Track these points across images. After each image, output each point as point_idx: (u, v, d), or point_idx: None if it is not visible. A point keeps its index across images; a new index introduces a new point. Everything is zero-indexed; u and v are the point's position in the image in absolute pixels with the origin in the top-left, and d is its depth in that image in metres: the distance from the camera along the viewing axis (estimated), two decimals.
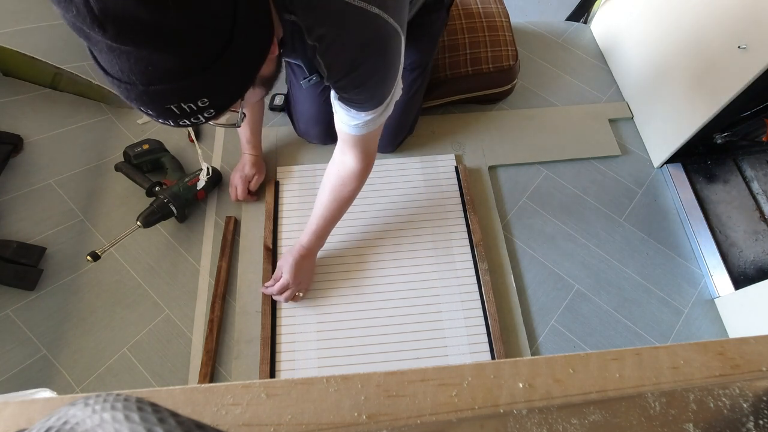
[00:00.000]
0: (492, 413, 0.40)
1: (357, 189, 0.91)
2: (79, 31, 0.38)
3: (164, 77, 0.41)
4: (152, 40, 0.38)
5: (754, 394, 0.41)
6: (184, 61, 0.41)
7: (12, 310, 0.96)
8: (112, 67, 0.41)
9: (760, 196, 1.17)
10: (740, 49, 0.95)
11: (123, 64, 0.40)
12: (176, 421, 0.23)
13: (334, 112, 0.77)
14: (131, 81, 0.41)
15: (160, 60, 0.40)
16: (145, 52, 0.39)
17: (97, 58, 0.41)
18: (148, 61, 0.40)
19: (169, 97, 0.43)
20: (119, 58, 0.39)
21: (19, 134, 1.13)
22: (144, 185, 1.07)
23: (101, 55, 0.40)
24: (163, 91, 0.42)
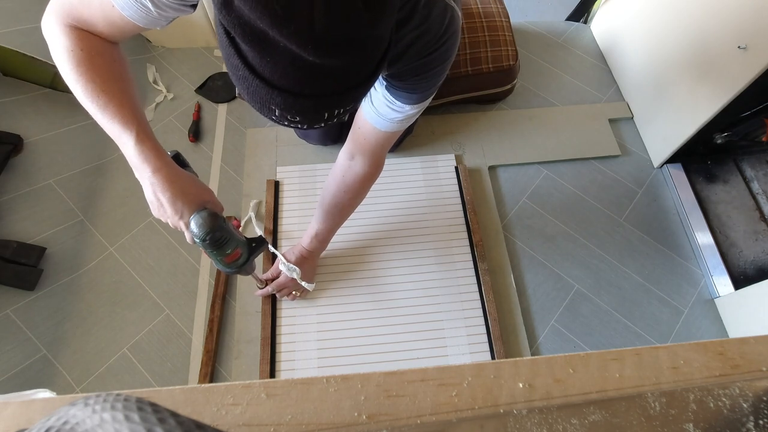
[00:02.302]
0: (492, 413, 0.40)
1: (362, 195, 0.88)
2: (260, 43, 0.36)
3: (341, 87, 0.41)
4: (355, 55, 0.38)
5: (754, 394, 0.41)
6: (364, 71, 0.41)
7: (12, 310, 0.96)
8: (285, 78, 0.38)
9: (760, 196, 1.17)
10: (740, 49, 0.95)
11: (307, 77, 0.38)
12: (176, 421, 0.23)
13: (366, 106, 0.72)
14: (303, 92, 0.40)
15: (349, 71, 0.40)
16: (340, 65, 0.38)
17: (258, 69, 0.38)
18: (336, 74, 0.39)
19: (332, 104, 0.42)
20: (305, 71, 0.38)
21: (19, 134, 1.13)
22: None
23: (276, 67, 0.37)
24: (332, 99, 0.41)
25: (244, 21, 0.34)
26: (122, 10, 0.54)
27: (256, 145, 1.22)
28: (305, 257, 0.97)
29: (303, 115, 0.42)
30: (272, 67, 0.38)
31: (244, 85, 0.40)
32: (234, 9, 0.34)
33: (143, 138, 0.60)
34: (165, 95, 1.30)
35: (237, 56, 0.38)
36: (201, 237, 0.65)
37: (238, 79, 0.40)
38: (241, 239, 0.73)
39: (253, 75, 0.38)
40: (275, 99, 0.40)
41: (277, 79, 0.38)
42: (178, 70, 1.36)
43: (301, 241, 0.97)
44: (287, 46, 0.35)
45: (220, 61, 1.38)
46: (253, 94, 0.41)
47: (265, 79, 0.38)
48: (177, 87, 1.33)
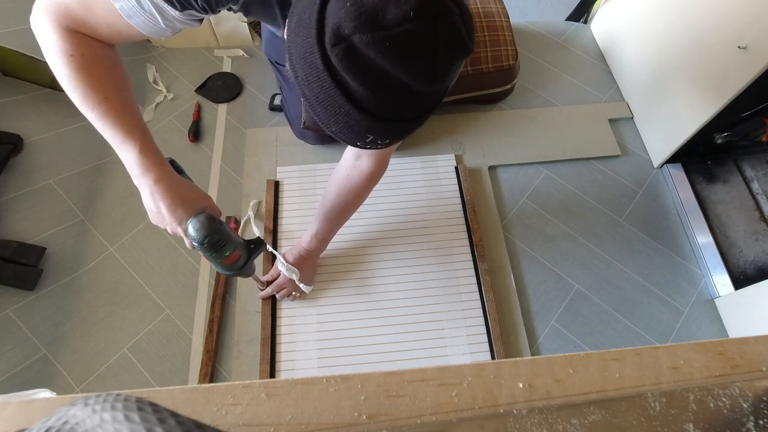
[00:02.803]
0: (492, 413, 0.40)
1: (366, 195, 0.89)
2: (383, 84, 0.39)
3: (429, 108, 0.45)
4: (450, 80, 0.43)
5: (754, 394, 0.41)
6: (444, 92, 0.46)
7: (12, 310, 0.96)
8: (392, 109, 0.42)
9: (760, 196, 1.17)
10: (740, 49, 0.95)
11: (410, 104, 0.43)
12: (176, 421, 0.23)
13: None
14: (404, 117, 0.43)
15: (443, 91, 0.44)
16: (439, 91, 0.43)
17: (363, 102, 0.40)
18: (432, 98, 0.43)
19: (423, 122, 0.47)
20: (410, 100, 0.42)
21: (19, 134, 1.13)
22: None
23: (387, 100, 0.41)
24: (420, 119, 0.46)
25: (372, 68, 0.38)
26: (129, 18, 0.54)
27: (256, 145, 1.22)
28: (305, 257, 0.97)
29: (395, 136, 0.46)
30: (386, 102, 0.41)
31: (342, 120, 0.42)
32: (359, 57, 0.37)
33: (146, 149, 0.60)
34: (165, 95, 1.30)
35: (342, 96, 0.40)
36: (199, 240, 0.65)
37: (336, 116, 0.42)
38: (239, 241, 0.73)
39: (358, 110, 0.41)
40: (376, 128, 0.43)
41: (385, 111, 0.41)
42: (178, 70, 1.36)
43: (301, 241, 0.97)
44: (412, 85, 0.39)
45: (220, 61, 1.38)
46: (350, 127, 0.43)
47: (371, 113, 0.41)
48: (177, 87, 1.33)
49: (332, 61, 0.38)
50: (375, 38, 0.36)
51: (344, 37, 0.37)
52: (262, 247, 0.77)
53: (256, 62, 1.39)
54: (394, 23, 0.36)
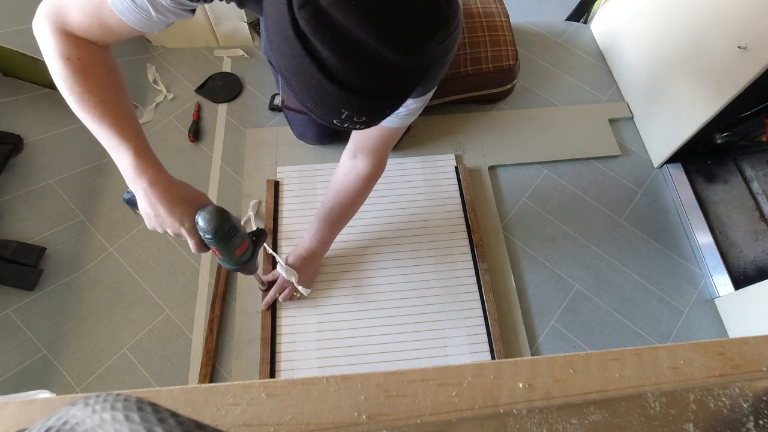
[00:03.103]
0: (492, 413, 0.40)
1: (365, 195, 0.88)
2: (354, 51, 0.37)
3: (412, 84, 0.43)
4: (431, 51, 0.41)
5: (754, 394, 0.41)
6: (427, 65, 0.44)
7: (12, 310, 0.96)
8: (367, 81, 0.40)
9: (760, 196, 1.17)
10: (740, 49, 0.95)
11: (385, 78, 0.40)
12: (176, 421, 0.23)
13: None
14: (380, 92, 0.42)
15: (420, 68, 0.42)
16: (417, 63, 0.41)
17: (336, 73, 0.39)
18: (410, 71, 0.41)
19: (399, 103, 0.45)
20: (385, 73, 0.40)
21: (19, 134, 1.13)
22: None
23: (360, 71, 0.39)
24: (402, 98, 0.44)
25: (339, 31, 0.36)
26: (121, 14, 0.54)
27: (256, 145, 1.22)
28: (306, 258, 0.96)
29: (370, 115, 0.44)
30: (357, 72, 0.39)
31: (315, 93, 0.41)
32: (327, 20, 0.35)
33: (140, 151, 0.59)
34: (165, 95, 1.30)
35: (313, 65, 0.38)
36: (212, 232, 0.65)
37: (309, 87, 0.40)
38: (246, 231, 0.73)
39: (330, 81, 0.39)
40: (351, 103, 0.41)
41: (359, 83, 0.40)
42: (178, 70, 1.36)
43: (302, 242, 0.96)
44: (380, 50, 0.37)
45: (220, 61, 1.38)
46: (323, 99, 0.41)
47: (344, 84, 0.39)
48: (177, 87, 1.33)
49: (301, 25, 0.37)
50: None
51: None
52: (264, 236, 0.78)
53: (256, 62, 1.39)
54: None
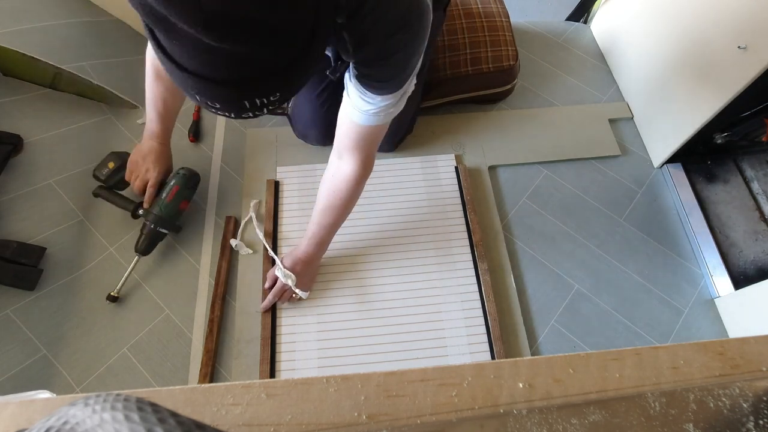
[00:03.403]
0: (492, 413, 0.40)
1: (354, 196, 0.87)
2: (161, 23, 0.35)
3: (253, 74, 0.40)
4: (256, 39, 0.37)
5: (754, 394, 0.41)
6: (278, 58, 0.40)
7: (12, 310, 0.96)
8: (192, 61, 0.38)
9: (760, 196, 1.17)
10: (740, 49, 0.95)
11: (212, 61, 0.38)
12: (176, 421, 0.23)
13: (345, 99, 0.71)
14: (213, 77, 0.39)
15: (255, 57, 0.39)
16: (243, 50, 0.37)
17: (169, 51, 0.38)
18: (242, 59, 0.38)
19: (250, 93, 0.42)
20: (209, 54, 0.37)
21: (19, 134, 1.13)
22: (128, 208, 1.02)
23: (182, 49, 0.37)
24: (246, 87, 0.41)
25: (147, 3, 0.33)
26: None
27: (256, 145, 1.22)
28: (304, 261, 0.96)
29: (223, 103, 0.42)
30: (180, 51, 0.38)
31: (166, 69, 0.40)
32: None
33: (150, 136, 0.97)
34: None
35: (151, 39, 0.38)
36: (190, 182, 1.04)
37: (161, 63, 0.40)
38: None
39: (167, 58, 0.38)
40: (191, 83, 0.40)
41: (186, 62, 0.38)
42: None
43: (299, 245, 0.96)
44: (183, 28, 0.34)
45: None
46: (173, 78, 0.41)
47: (177, 63, 0.38)
48: None
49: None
50: None
51: None
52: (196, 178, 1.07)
53: None
54: None
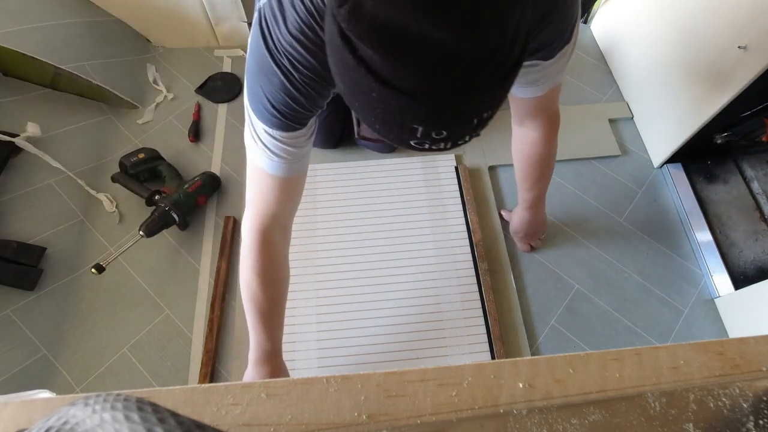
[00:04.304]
0: (492, 413, 0.40)
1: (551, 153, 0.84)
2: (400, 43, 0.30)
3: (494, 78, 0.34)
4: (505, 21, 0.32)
5: (754, 394, 0.41)
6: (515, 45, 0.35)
7: (12, 310, 0.96)
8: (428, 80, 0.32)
9: (760, 196, 1.17)
10: (740, 49, 0.95)
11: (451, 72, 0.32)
12: (176, 421, 0.23)
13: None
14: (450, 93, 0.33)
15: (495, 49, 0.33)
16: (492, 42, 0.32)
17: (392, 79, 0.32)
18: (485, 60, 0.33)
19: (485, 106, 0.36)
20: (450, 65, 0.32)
21: (19, 134, 1.13)
22: (143, 195, 1.06)
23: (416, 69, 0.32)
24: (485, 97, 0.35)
25: (379, 22, 0.30)
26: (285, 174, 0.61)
27: None
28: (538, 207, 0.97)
29: (451, 127, 0.36)
30: (414, 71, 0.32)
31: (377, 108, 0.35)
32: (366, 14, 0.30)
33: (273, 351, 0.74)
34: (165, 95, 1.30)
35: (368, 74, 0.32)
36: None
37: (370, 104, 0.35)
38: None
39: (390, 89, 0.33)
40: (419, 112, 0.34)
41: (420, 84, 0.32)
42: (178, 70, 1.36)
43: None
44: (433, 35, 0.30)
45: (220, 61, 1.38)
46: (390, 115, 0.35)
47: (405, 91, 0.33)
48: (177, 87, 1.33)
49: (345, 30, 0.32)
50: None
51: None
52: None
53: None
54: None
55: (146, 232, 0.99)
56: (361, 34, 0.31)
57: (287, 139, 0.57)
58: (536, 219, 1.03)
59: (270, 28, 0.50)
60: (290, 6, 0.49)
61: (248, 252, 0.67)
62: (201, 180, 1.09)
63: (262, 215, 0.66)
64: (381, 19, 0.30)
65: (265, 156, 0.59)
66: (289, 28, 0.49)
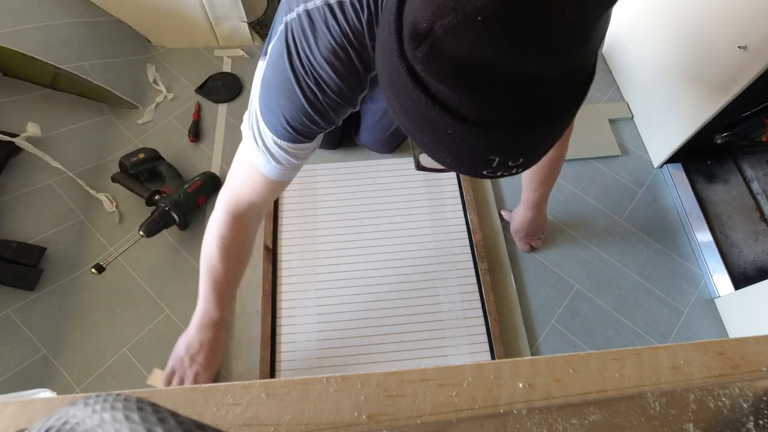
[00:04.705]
0: (492, 413, 0.40)
1: (561, 156, 0.88)
2: (483, 78, 0.29)
3: (574, 98, 0.34)
4: (594, 40, 0.31)
5: (754, 394, 0.41)
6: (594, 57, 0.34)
7: (12, 310, 0.96)
8: (512, 110, 0.31)
9: (760, 196, 1.17)
10: (740, 49, 0.95)
11: (536, 99, 0.31)
12: (176, 421, 0.23)
13: None
14: (533, 119, 0.32)
15: (581, 69, 0.32)
16: (577, 63, 0.31)
17: (469, 115, 0.31)
18: (568, 81, 0.32)
19: (564, 125, 0.35)
20: (535, 92, 0.31)
21: (19, 134, 1.13)
22: (143, 195, 1.06)
23: (499, 101, 0.31)
24: (565, 118, 0.34)
25: (460, 62, 0.28)
26: (279, 178, 0.62)
27: None
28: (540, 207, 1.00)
29: (529, 153, 0.35)
30: (498, 105, 0.31)
31: (453, 145, 0.34)
32: (445, 54, 0.28)
33: (219, 322, 0.78)
34: (165, 95, 1.30)
35: (444, 113, 0.31)
36: None
37: (444, 141, 0.34)
38: None
39: (469, 125, 0.31)
40: (499, 144, 0.33)
41: (503, 116, 0.31)
42: (178, 70, 1.36)
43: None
44: (522, 69, 0.28)
45: (220, 61, 1.38)
46: (466, 150, 0.34)
47: (487, 124, 0.31)
48: (177, 87, 1.33)
49: (418, 71, 0.30)
50: (461, 17, 0.26)
51: (424, 32, 0.28)
52: None
53: (256, 62, 1.38)
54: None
55: (146, 232, 0.99)
56: (438, 74, 0.30)
57: (293, 149, 0.57)
58: (537, 219, 1.03)
59: (298, 46, 0.49)
60: (323, 25, 0.47)
61: (216, 227, 0.70)
62: (201, 180, 1.09)
63: (241, 200, 0.67)
64: (463, 59, 0.28)
65: (263, 159, 0.59)
66: (320, 49, 0.48)
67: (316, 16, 0.47)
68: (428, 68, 0.30)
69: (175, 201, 1.03)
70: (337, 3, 0.47)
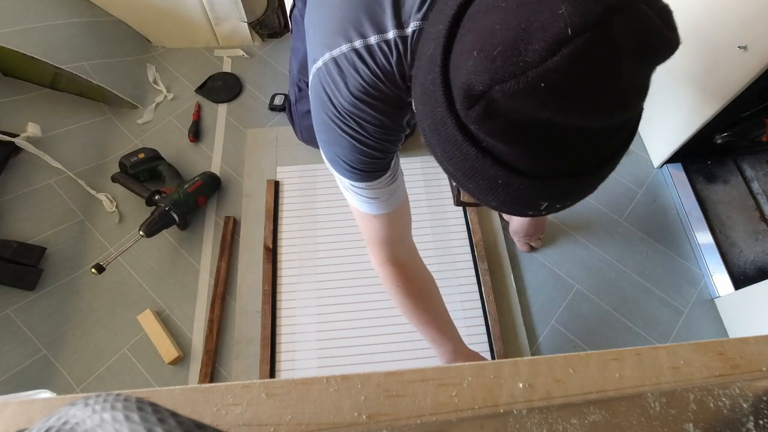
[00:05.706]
0: (492, 413, 0.40)
1: None
2: (538, 135, 0.29)
3: (627, 139, 0.35)
4: (647, 88, 0.32)
5: (754, 394, 0.41)
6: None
7: (12, 310, 0.96)
8: (566, 162, 0.32)
9: (760, 196, 1.17)
10: (740, 49, 0.94)
11: (591, 149, 0.32)
12: (176, 421, 0.23)
13: None
14: (585, 168, 0.33)
15: (638, 114, 0.35)
16: (637, 112, 0.33)
17: (522, 168, 0.31)
18: (624, 126, 0.33)
19: (615, 164, 0.35)
20: (590, 143, 0.31)
21: (19, 134, 1.13)
22: (143, 195, 1.06)
23: (554, 155, 0.31)
24: (617, 159, 0.35)
25: (517, 121, 0.28)
26: (389, 209, 0.62)
27: (256, 145, 1.22)
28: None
29: (578, 197, 0.35)
30: (553, 158, 0.31)
31: (502, 193, 0.33)
32: (501, 113, 0.28)
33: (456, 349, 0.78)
34: (165, 95, 1.30)
35: (495, 165, 0.31)
36: None
37: (493, 189, 0.33)
38: None
39: (521, 177, 0.31)
40: (551, 192, 0.33)
41: (558, 168, 0.31)
42: (178, 70, 1.36)
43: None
44: (582, 125, 0.29)
45: (220, 61, 1.38)
46: (514, 198, 0.34)
47: (540, 176, 0.31)
48: (177, 87, 1.33)
49: (471, 129, 0.30)
50: (522, 84, 0.26)
51: (479, 95, 0.28)
52: None
53: (256, 62, 1.39)
54: (544, 54, 0.25)
55: (146, 232, 0.99)
56: (493, 132, 0.29)
57: (375, 186, 0.58)
58: (537, 219, 1.03)
59: (330, 96, 0.50)
60: (352, 71, 0.48)
61: (388, 283, 0.72)
62: (201, 180, 1.09)
63: (383, 247, 0.69)
64: (521, 119, 0.28)
65: (362, 201, 0.60)
66: (351, 90, 0.48)
67: (343, 63, 0.48)
68: (482, 127, 0.29)
69: (175, 201, 1.03)
70: (364, 47, 0.46)
